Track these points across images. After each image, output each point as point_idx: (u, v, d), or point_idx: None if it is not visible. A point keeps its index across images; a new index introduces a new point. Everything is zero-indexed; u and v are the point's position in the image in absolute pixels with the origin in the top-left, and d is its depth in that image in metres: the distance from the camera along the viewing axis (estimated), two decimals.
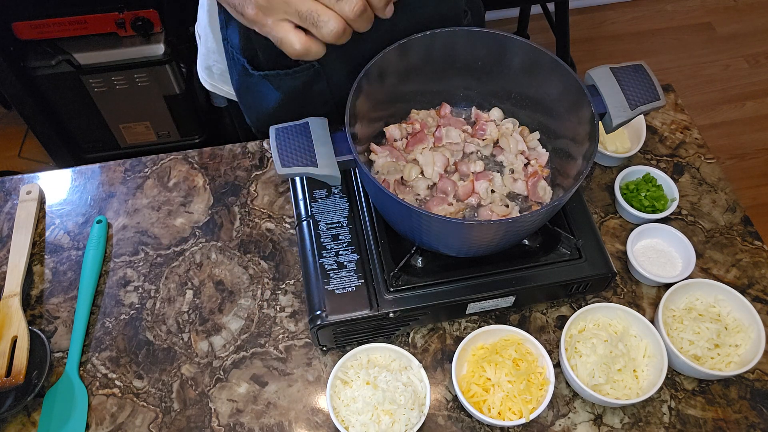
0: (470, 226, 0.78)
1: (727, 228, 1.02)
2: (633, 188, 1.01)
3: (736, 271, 0.98)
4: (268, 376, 0.88)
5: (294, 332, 0.92)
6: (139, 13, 1.66)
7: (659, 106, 0.84)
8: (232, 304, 0.94)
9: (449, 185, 0.88)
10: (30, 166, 2.22)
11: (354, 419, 0.80)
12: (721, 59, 2.57)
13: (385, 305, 0.83)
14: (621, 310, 0.88)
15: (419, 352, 0.90)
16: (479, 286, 0.86)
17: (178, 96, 1.86)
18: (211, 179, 1.07)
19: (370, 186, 0.79)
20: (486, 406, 0.82)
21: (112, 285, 0.96)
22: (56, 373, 0.88)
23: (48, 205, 1.04)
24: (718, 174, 1.08)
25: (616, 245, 1.00)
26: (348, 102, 0.78)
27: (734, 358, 0.86)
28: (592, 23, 2.69)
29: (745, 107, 2.42)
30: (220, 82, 1.11)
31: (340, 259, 0.87)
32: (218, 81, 1.11)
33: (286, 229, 1.01)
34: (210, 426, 0.85)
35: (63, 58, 1.70)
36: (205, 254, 0.99)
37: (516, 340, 0.86)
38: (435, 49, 0.88)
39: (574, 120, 0.84)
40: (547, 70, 0.85)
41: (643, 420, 0.85)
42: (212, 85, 1.13)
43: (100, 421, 0.85)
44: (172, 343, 0.91)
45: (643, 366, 0.85)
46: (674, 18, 2.70)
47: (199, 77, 1.16)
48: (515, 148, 0.92)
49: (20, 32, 1.65)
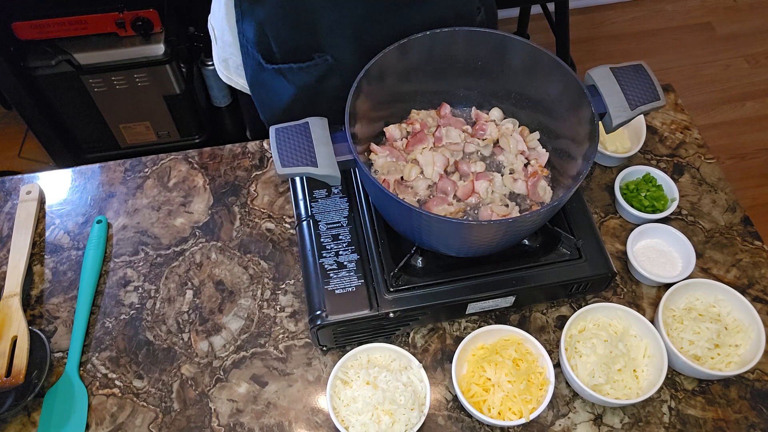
0: (470, 226, 0.78)
1: (727, 228, 1.02)
2: (633, 188, 1.01)
3: (736, 271, 0.98)
4: (268, 376, 0.88)
5: (294, 332, 0.92)
6: (139, 13, 1.66)
7: (659, 106, 0.84)
8: (232, 304, 0.94)
9: (449, 185, 0.88)
10: (30, 166, 2.22)
11: (354, 419, 0.80)
12: (721, 59, 2.56)
13: (385, 305, 0.83)
14: (621, 310, 0.88)
15: (419, 352, 0.90)
16: (479, 286, 0.86)
17: (178, 96, 1.86)
18: (211, 179, 1.07)
19: (370, 186, 0.79)
20: (486, 406, 0.81)
21: (112, 285, 0.96)
22: (56, 373, 0.88)
23: (48, 205, 1.04)
24: (718, 174, 1.08)
25: (616, 245, 1.00)
26: (348, 102, 0.78)
27: (734, 358, 0.86)
28: (592, 23, 2.69)
29: (745, 107, 2.42)
30: (235, 75, 1.11)
31: (340, 259, 0.87)
32: (234, 74, 1.11)
33: (286, 229, 1.01)
34: (210, 426, 0.85)
35: (63, 58, 1.70)
36: (205, 254, 0.99)
37: (516, 340, 0.86)
38: (435, 49, 0.88)
39: (574, 120, 0.84)
40: (547, 70, 0.85)
41: (643, 420, 0.85)
42: (228, 77, 1.12)
43: (100, 421, 0.85)
44: (172, 343, 0.91)
45: (643, 366, 0.85)
46: (674, 18, 2.70)
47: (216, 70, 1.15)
48: (515, 148, 0.92)
49: (20, 32, 1.65)
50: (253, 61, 0.97)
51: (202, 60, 1.93)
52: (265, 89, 1.00)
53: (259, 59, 0.95)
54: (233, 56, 1.07)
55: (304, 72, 0.94)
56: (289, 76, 0.95)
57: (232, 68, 1.10)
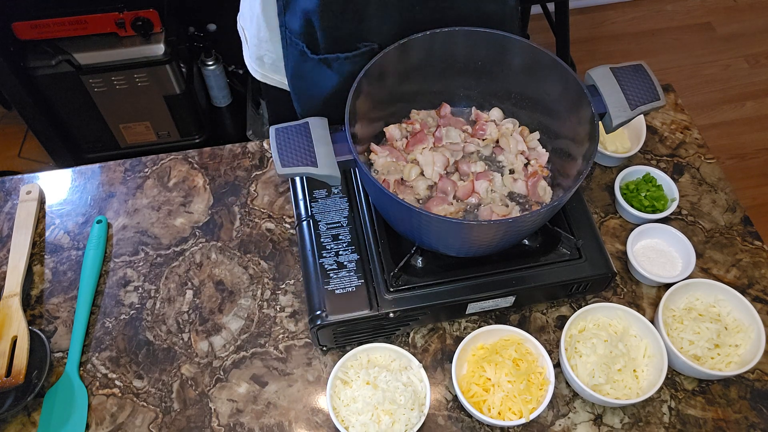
0: (470, 226, 0.78)
1: (727, 228, 1.02)
2: (633, 188, 1.01)
3: (736, 271, 0.98)
4: (268, 376, 0.88)
5: (294, 332, 0.92)
6: (139, 13, 1.66)
7: (659, 106, 0.84)
8: (232, 304, 0.94)
9: (449, 185, 0.88)
10: (30, 166, 2.22)
11: (354, 419, 0.80)
12: (721, 59, 2.56)
13: (385, 305, 0.83)
14: (621, 310, 0.88)
15: (419, 352, 0.90)
16: (479, 286, 0.86)
17: (178, 96, 1.86)
18: (211, 179, 1.07)
19: (370, 186, 0.79)
20: (486, 406, 0.81)
21: (112, 285, 0.96)
22: (56, 373, 0.88)
23: (48, 205, 1.04)
24: (718, 174, 1.08)
25: (616, 245, 1.00)
26: (348, 102, 0.78)
27: (734, 358, 0.86)
28: (592, 23, 2.69)
29: (745, 107, 2.42)
30: (270, 71, 1.11)
31: (340, 259, 0.87)
32: (269, 70, 1.11)
33: (286, 229, 1.01)
34: (210, 426, 0.85)
35: (63, 58, 1.70)
36: (205, 254, 0.99)
37: (516, 340, 0.86)
38: (435, 49, 0.88)
39: (574, 120, 0.84)
40: (547, 70, 0.85)
41: (643, 420, 0.85)
42: (263, 75, 1.13)
43: (100, 421, 0.85)
44: (172, 343, 0.91)
45: (643, 366, 0.85)
46: (674, 18, 2.70)
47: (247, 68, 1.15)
48: (515, 148, 0.92)
49: (20, 32, 1.65)
50: (297, 52, 0.96)
51: (202, 60, 1.93)
52: (306, 81, 1.00)
53: (303, 49, 0.95)
54: (269, 52, 1.07)
55: (349, 61, 0.93)
56: (335, 66, 0.95)
57: (268, 65, 1.10)
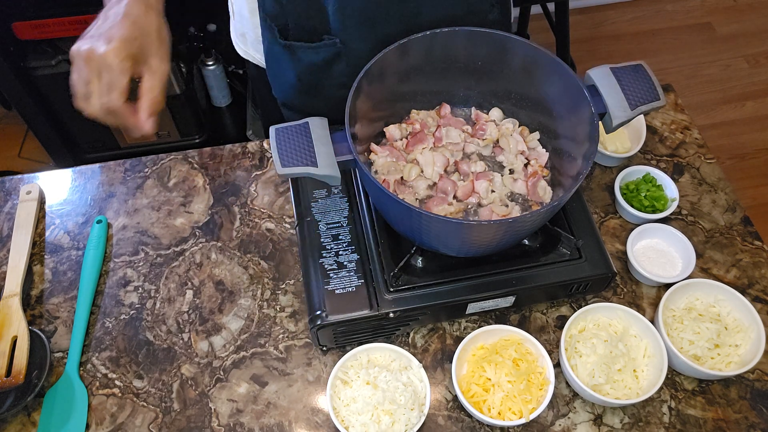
0: (470, 226, 0.78)
1: (727, 228, 1.02)
2: (633, 188, 1.01)
3: (736, 271, 0.98)
4: (268, 376, 0.88)
5: (294, 332, 0.92)
6: None
7: (659, 106, 0.84)
8: (232, 304, 0.94)
9: (449, 185, 0.88)
10: (30, 166, 2.22)
11: (354, 419, 0.80)
12: (721, 59, 2.57)
13: (385, 305, 0.83)
14: (621, 310, 0.88)
15: (419, 352, 0.90)
16: (479, 286, 0.86)
17: (178, 96, 1.86)
18: (211, 179, 1.07)
19: (370, 186, 0.79)
20: (486, 406, 0.81)
21: (112, 285, 0.96)
22: (56, 373, 0.88)
23: (48, 205, 1.04)
24: (718, 174, 1.08)
25: (616, 245, 1.00)
26: (348, 102, 0.78)
27: (734, 358, 0.86)
28: (592, 23, 2.69)
29: (745, 107, 2.42)
30: (252, 49, 1.11)
31: (340, 259, 0.87)
32: (251, 48, 1.11)
33: (286, 229, 1.01)
34: (210, 426, 0.85)
35: (63, 58, 1.70)
36: (205, 254, 0.99)
37: (516, 340, 0.86)
38: (435, 49, 0.88)
39: (574, 120, 0.84)
40: (547, 70, 0.85)
41: (643, 420, 0.85)
42: (245, 51, 1.13)
43: (100, 421, 0.85)
44: (172, 343, 0.91)
45: (643, 366, 0.85)
46: (674, 18, 2.70)
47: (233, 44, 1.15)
48: (515, 148, 0.92)
49: (20, 32, 1.65)
50: (270, 34, 0.97)
51: (202, 60, 1.93)
52: (277, 64, 1.01)
53: (275, 32, 0.95)
54: (250, 30, 1.07)
55: (312, 51, 0.94)
56: (299, 53, 0.95)
57: (250, 42, 1.10)
